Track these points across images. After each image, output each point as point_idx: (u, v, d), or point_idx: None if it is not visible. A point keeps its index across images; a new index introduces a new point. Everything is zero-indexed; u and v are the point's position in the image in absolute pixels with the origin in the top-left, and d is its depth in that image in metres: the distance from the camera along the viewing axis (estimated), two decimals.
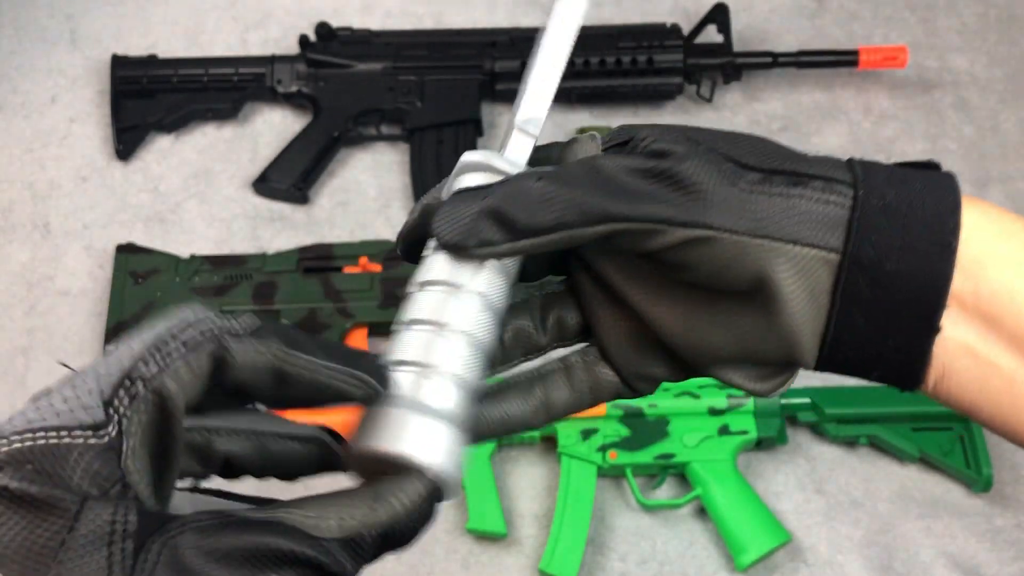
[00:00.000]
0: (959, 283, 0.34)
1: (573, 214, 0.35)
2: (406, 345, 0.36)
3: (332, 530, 0.31)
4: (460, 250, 0.36)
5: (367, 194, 1.16)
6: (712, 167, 0.35)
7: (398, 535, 0.34)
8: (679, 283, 0.37)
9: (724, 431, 0.96)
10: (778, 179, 0.35)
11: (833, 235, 0.34)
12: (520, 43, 1.18)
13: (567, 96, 1.19)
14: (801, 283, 0.35)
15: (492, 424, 0.40)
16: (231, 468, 0.35)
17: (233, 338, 0.30)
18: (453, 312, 0.36)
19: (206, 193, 1.15)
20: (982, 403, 0.36)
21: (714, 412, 0.96)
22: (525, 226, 0.35)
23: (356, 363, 0.34)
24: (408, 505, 0.33)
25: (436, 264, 0.37)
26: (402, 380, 0.35)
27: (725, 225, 0.34)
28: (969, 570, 0.94)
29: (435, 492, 0.35)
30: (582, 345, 0.41)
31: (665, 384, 1.05)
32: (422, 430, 0.34)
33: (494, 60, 1.17)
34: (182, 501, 0.32)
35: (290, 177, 1.13)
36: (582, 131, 1.13)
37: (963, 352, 0.35)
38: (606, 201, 0.35)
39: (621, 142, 0.38)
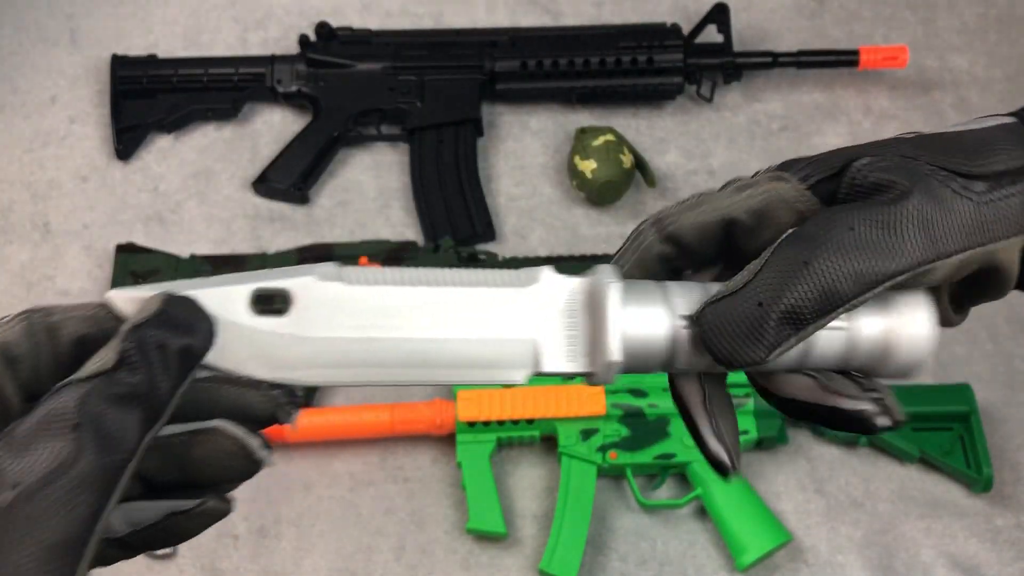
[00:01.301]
0: None
1: (849, 286, 0.35)
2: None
3: None
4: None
5: (367, 194, 1.16)
6: (941, 191, 0.36)
7: None
8: None
9: None
10: (1005, 180, 0.37)
11: None
12: (520, 43, 1.18)
13: (567, 96, 1.19)
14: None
15: None
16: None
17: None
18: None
19: (206, 193, 1.15)
20: None
21: None
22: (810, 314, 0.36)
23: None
24: None
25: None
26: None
27: (976, 242, 0.36)
28: (969, 570, 0.94)
29: None
30: None
31: (665, 384, 1.06)
32: None
33: (494, 60, 1.17)
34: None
35: (290, 177, 1.13)
36: (582, 131, 1.13)
37: None
38: (872, 263, 0.36)
39: (834, 172, 0.38)
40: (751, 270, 0.36)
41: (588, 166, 1.09)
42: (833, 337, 0.37)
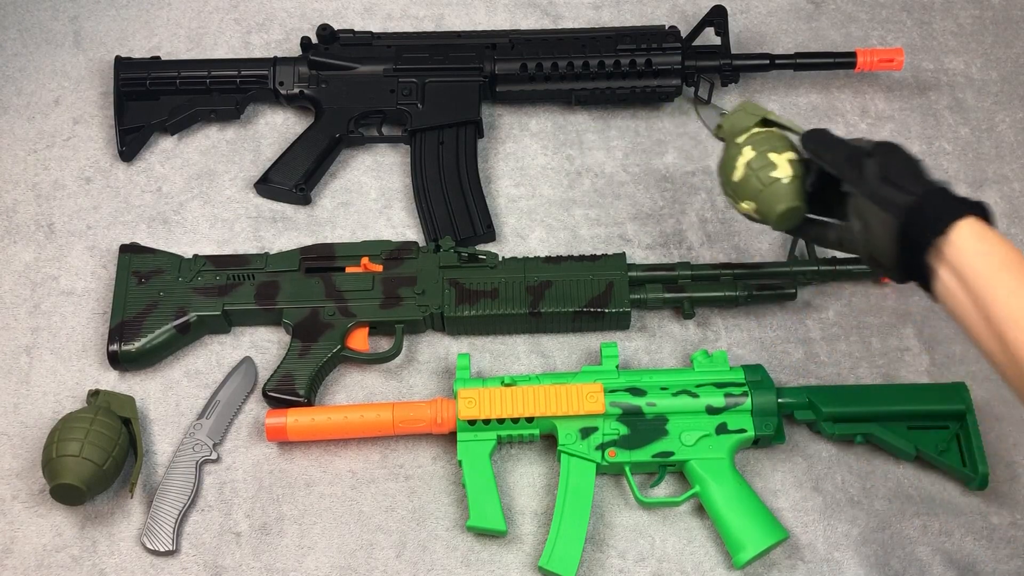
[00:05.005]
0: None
1: None
2: None
3: None
4: None
5: (368, 195, 1.16)
6: None
7: None
8: None
9: (722, 429, 0.96)
10: None
11: None
12: (520, 45, 1.18)
13: (566, 97, 1.20)
14: None
15: None
16: None
17: None
18: None
19: (209, 194, 1.16)
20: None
21: (712, 411, 0.97)
22: None
23: None
24: None
25: None
26: None
27: None
28: (965, 567, 0.94)
29: None
30: None
31: (664, 383, 1.06)
32: None
33: (494, 62, 1.18)
34: None
35: (292, 178, 1.14)
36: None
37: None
38: None
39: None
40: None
41: (748, 207, 0.91)
42: None
